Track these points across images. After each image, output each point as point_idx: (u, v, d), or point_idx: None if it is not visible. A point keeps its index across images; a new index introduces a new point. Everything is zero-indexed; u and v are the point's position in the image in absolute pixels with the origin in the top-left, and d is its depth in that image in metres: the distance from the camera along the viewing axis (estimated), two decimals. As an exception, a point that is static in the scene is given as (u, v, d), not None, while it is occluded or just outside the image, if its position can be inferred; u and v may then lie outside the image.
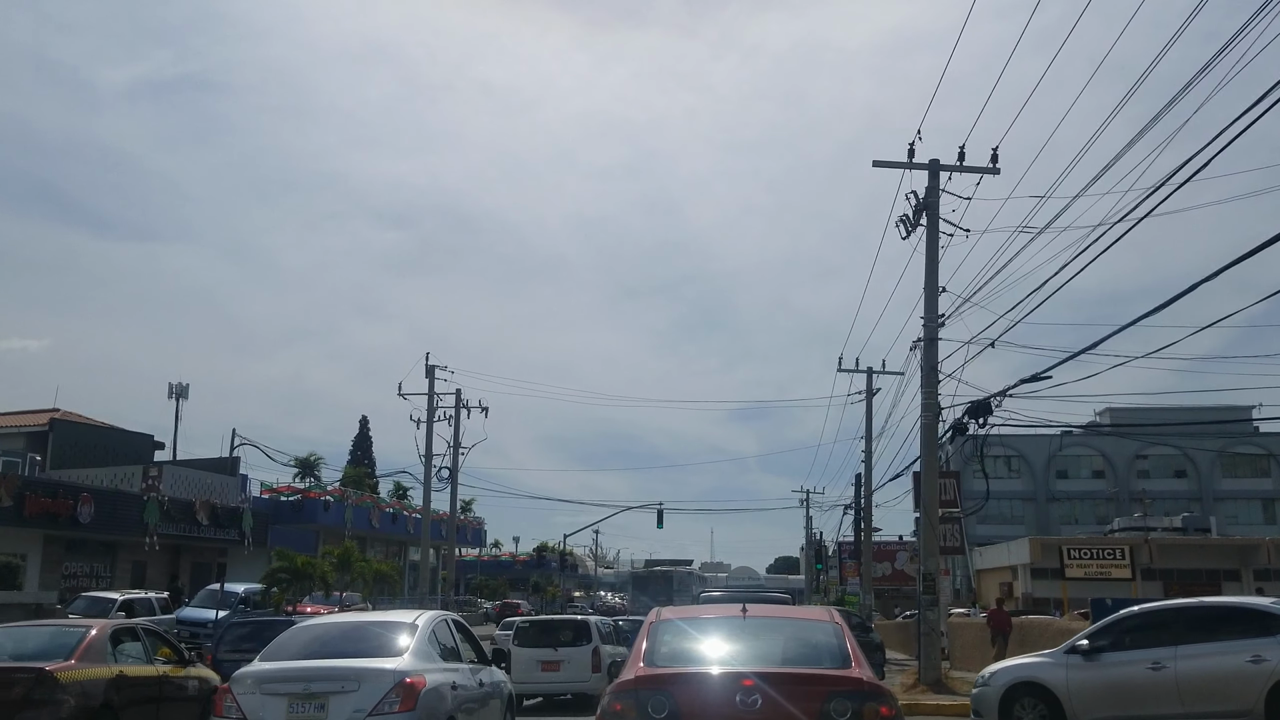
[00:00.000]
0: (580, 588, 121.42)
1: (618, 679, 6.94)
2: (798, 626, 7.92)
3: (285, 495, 45.28)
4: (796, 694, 6.35)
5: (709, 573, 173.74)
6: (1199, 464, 79.56)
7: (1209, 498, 78.36)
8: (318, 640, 9.56)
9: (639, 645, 7.19)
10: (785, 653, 7.22)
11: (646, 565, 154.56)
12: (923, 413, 19.40)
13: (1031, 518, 78.37)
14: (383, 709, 8.30)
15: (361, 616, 11.89)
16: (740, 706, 6.30)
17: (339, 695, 8.35)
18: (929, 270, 19.70)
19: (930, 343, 19.46)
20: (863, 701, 6.32)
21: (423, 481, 38.11)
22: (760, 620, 7.69)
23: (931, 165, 19.98)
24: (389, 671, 8.59)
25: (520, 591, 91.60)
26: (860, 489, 37.79)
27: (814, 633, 7.48)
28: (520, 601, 66.00)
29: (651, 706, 6.40)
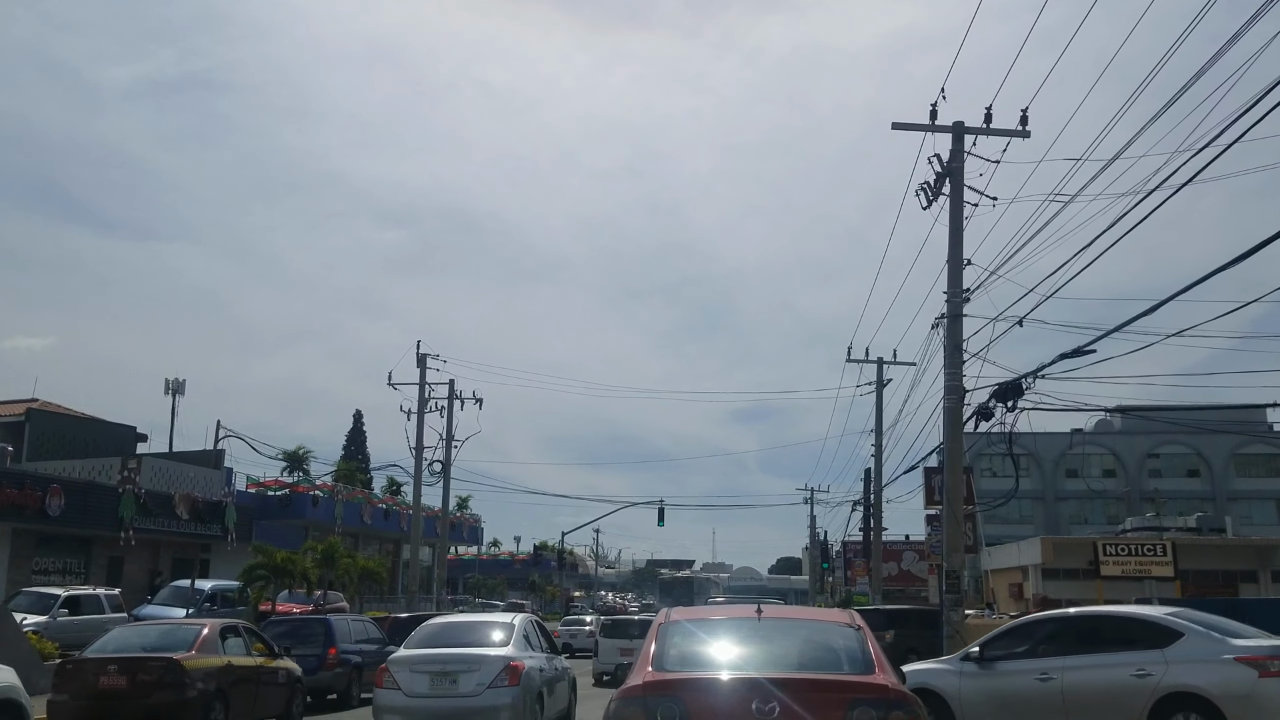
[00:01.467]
0: (581, 587, 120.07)
1: (624, 684, 6.47)
2: (816, 629, 7.38)
3: (272, 490, 43.71)
4: (817, 701, 5.89)
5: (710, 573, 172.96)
6: (1212, 463, 77.93)
7: (1222, 498, 76.74)
8: (445, 633, 13.14)
9: (647, 648, 6.71)
10: (803, 657, 6.76)
11: (649, 565, 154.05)
12: (946, 395, 17.82)
13: (1040, 517, 76.76)
14: (497, 683, 11.59)
15: (474, 616, 16.43)
16: (757, 714, 5.83)
17: (465, 673, 11.67)
18: (952, 241, 18.12)
19: (954, 319, 17.87)
20: (888, 710, 5.87)
21: (413, 475, 36.51)
22: (776, 622, 7.21)
23: (955, 128, 18.41)
24: (500, 657, 11.92)
25: (519, 591, 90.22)
26: (869, 484, 36.19)
27: (834, 636, 6.98)
28: (524, 602, 65.21)
29: (661, 714, 5.97)
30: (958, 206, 18.23)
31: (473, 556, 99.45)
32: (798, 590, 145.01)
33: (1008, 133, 18.19)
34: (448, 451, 38.49)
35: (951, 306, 17.91)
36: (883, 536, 60.40)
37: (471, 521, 63.20)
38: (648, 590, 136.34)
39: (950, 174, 18.27)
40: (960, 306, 17.90)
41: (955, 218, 18.20)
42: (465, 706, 11.67)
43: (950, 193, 18.31)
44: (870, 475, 36.27)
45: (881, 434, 35.60)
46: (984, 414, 18.00)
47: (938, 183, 18.49)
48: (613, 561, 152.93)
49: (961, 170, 18.28)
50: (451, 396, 38.82)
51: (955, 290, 17.93)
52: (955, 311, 17.88)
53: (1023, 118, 18.10)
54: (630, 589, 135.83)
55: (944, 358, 18.01)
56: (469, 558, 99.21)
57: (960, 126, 18.37)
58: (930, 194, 18.57)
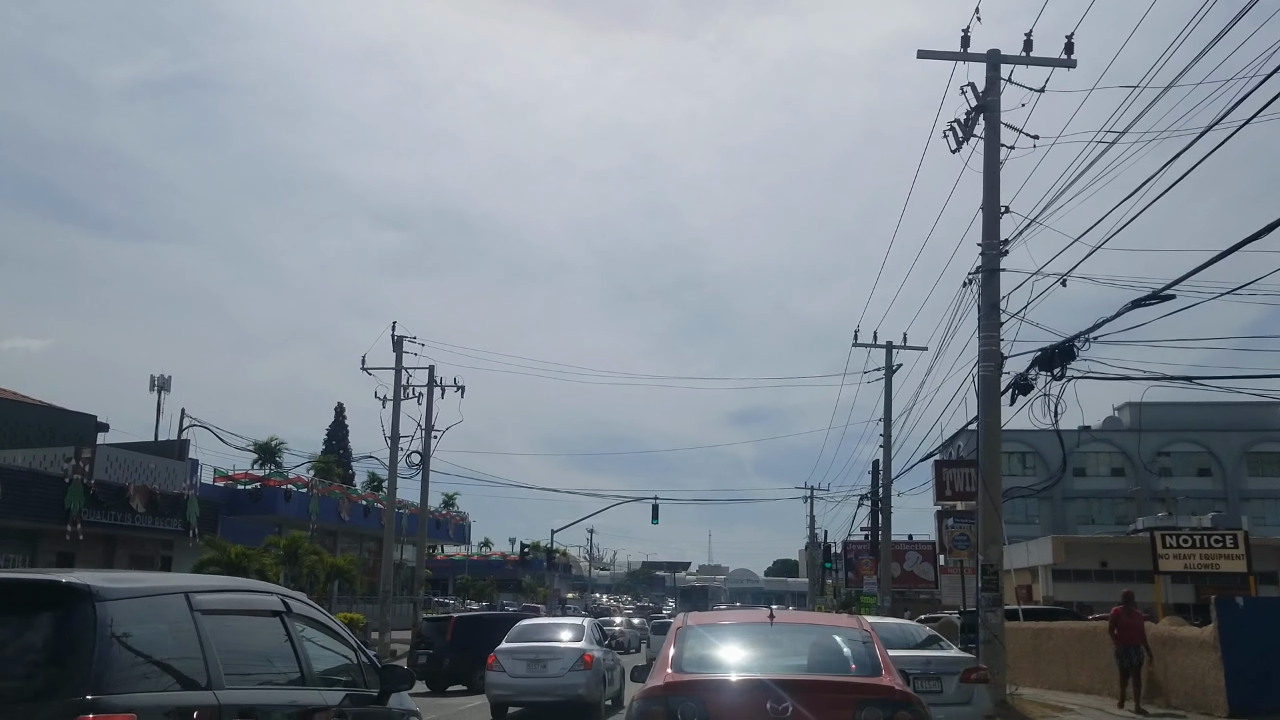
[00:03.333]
0: (574, 589, 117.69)
1: (645, 685, 6.78)
2: (825, 633, 7.65)
3: (242, 484, 41.18)
4: (827, 702, 6.18)
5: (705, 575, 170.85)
6: (1224, 462, 75.63)
7: (1235, 497, 74.37)
8: (534, 631, 17.16)
9: (666, 651, 7.02)
10: (814, 660, 7.06)
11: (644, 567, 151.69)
12: (980, 362, 15.39)
13: (1047, 517, 74.31)
14: (575, 668, 15.49)
15: (552, 619, 21.03)
16: (771, 714, 6.09)
17: (552, 660, 15.64)
18: (987, 185, 15.71)
19: (990, 274, 15.45)
20: (894, 710, 6.10)
21: (388, 466, 34.00)
22: (787, 626, 7.55)
23: (990, 56, 16.03)
24: (577, 649, 15.94)
25: (511, 594, 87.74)
26: (877, 476, 33.75)
27: (842, 640, 7.26)
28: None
29: (681, 713, 6.28)
30: (993, 146, 15.85)
31: (463, 557, 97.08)
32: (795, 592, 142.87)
33: (1050, 62, 15.82)
34: (427, 442, 35.97)
35: (987, 259, 15.50)
36: (884, 537, 58.21)
37: (458, 519, 60.67)
38: (642, 592, 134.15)
39: (985, 109, 15.88)
40: (997, 260, 15.49)
41: (990, 159, 15.81)
42: (553, 684, 15.48)
43: (985, 131, 15.94)
44: (878, 467, 33.84)
45: (891, 423, 33.18)
46: (1022, 386, 15.55)
47: (969, 121, 16.09)
48: (607, 563, 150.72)
49: (998, 104, 15.91)
50: (431, 384, 36.29)
51: (991, 241, 15.53)
52: (991, 265, 15.47)
53: (1067, 45, 15.72)
54: (625, 591, 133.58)
55: (978, 319, 15.59)
56: (459, 558, 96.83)
57: (996, 55, 16.00)
58: (961, 133, 16.18)
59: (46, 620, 4.09)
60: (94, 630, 4.01)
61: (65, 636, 4.03)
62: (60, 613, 4.08)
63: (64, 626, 4.05)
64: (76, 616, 4.05)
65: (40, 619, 4.10)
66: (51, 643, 4.04)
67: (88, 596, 4.11)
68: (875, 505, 33.36)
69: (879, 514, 33.19)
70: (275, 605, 5.55)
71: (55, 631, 4.06)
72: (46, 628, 4.07)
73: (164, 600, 4.66)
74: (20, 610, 4.16)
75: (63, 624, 4.06)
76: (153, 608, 4.56)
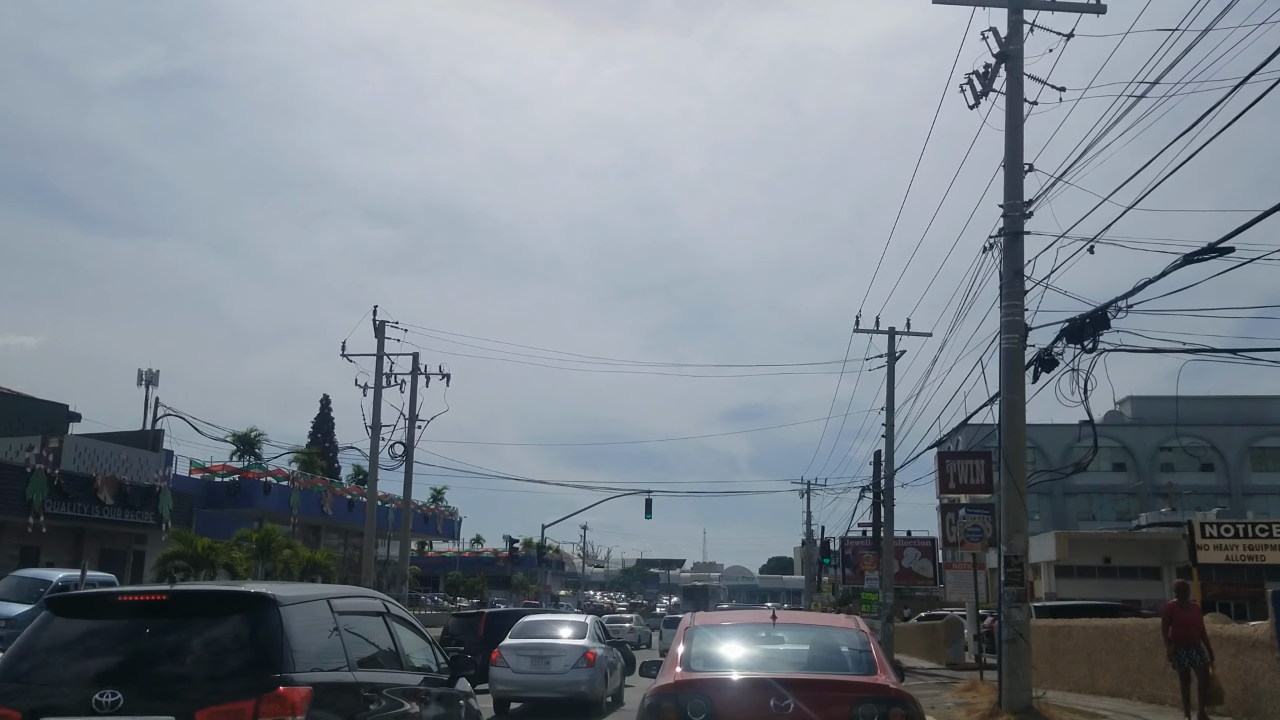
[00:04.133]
0: (568, 586, 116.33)
1: (656, 683, 7.10)
2: (824, 634, 7.95)
3: (220, 476, 39.72)
4: (826, 699, 6.52)
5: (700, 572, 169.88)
6: (1227, 457, 74.41)
7: (1238, 493, 73.16)
8: (537, 628, 17.12)
9: (675, 650, 7.37)
10: (814, 659, 7.36)
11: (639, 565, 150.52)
12: (1003, 334, 14.01)
13: (1047, 513, 72.98)
14: (579, 665, 15.66)
15: (556, 615, 19.91)
16: (774, 710, 6.43)
17: (556, 657, 15.77)
18: (1009, 143, 14.34)
19: (1013, 238, 14.07)
20: (889, 707, 6.46)
21: (369, 456, 32.52)
22: (789, 627, 7.84)
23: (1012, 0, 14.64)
24: (580, 646, 16.10)
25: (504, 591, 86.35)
26: (879, 468, 32.37)
27: (840, 640, 7.58)
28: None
29: (690, 709, 6.61)
30: (1015, 99, 14.48)
31: (454, 553, 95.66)
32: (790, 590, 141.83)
33: (1077, 6, 14.43)
34: (411, 432, 34.51)
35: (1010, 222, 14.12)
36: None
37: (446, 514, 59.23)
38: (636, 589, 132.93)
39: (1006, 58, 14.49)
40: (1020, 222, 14.11)
41: (1013, 113, 14.44)
42: (556, 681, 15.49)
43: (1006, 83, 14.56)
44: (880, 459, 32.45)
45: (893, 411, 31.82)
46: (1045, 362, 14.17)
47: (989, 73, 14.71)
48: (602, 560, 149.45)
49: (1020, 53, 14.53)
50: (415, 371, 34.82)
51: (1014, 202, 14.15)
52: (1015, 228, 14.09)
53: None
54: (619, 588, 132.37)
55: (1000, 287, 14.20)
56: (451, 555, 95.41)
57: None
58: (979, 86, 14.79)
59: (242, 620, 5.43)
60: (280, 627, 5.37)
61: (259, 631, 5.36)
62: (254, 615, 5.44)
63: (258, 624, 5.39)
64: (267, 617, 5.41)
65: (238, 619, 5.46)
66: (249, 636, 5.36)
67: (273, 603, 5.47)
68: (877, 498, 32.00)
69: (881, 507, 31.82)
70: (379, 608, 7.09)
71: (252, 628, 5.39)
72: (244, 625, 5.42)
73: (317, 604, 6.02)
74: (223, 612, 5.55)
75: (257, 622, 5.39)
76: (310, 610, 5.86)
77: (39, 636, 5.61)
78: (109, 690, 5.05)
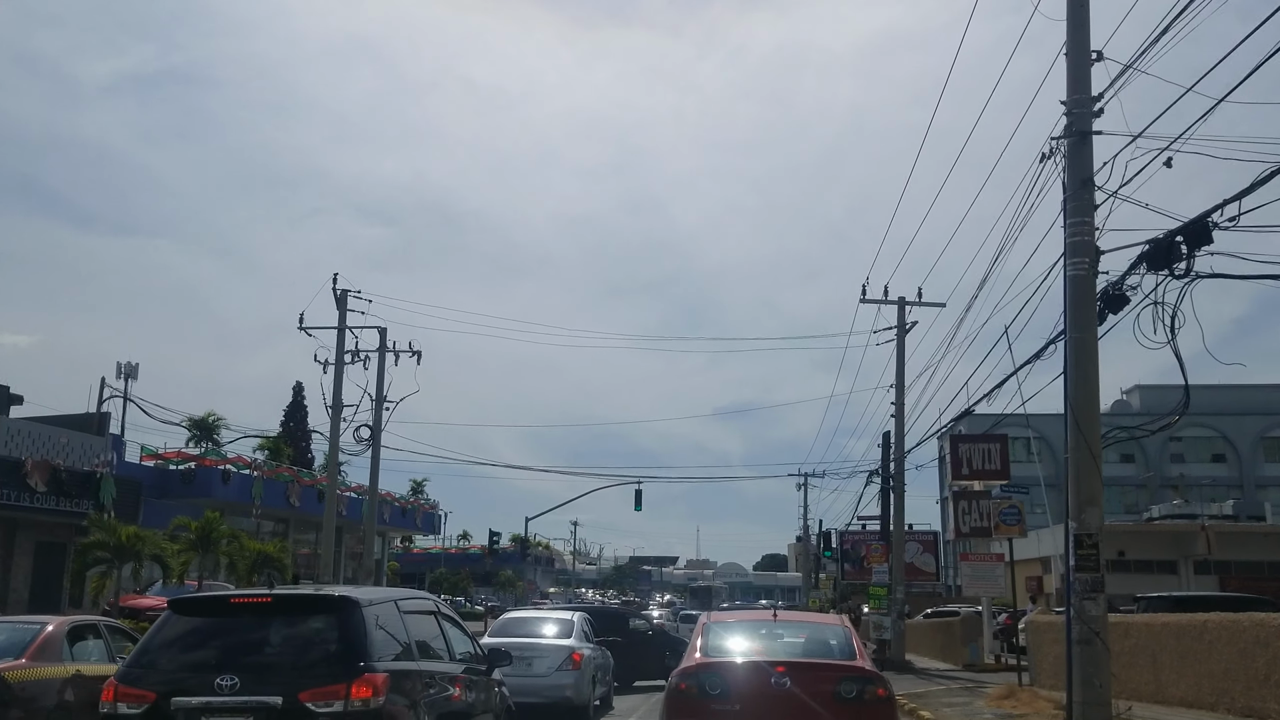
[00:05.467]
0: (558, 583, 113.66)
1: (680, 665, 8.84)
2: (815, 628, 9.93)
3: (175, 463, 36.77)
4: (816, 678, 8.23)
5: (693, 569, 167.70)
6: (1239, 448, 71.83)
7: (1250, 484, 70.58)
8: (519, 625, 16.07)
9: (695, 640, 9.05)
10: (806, 647, 9.11)
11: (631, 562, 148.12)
12: (1068, 258, 11.22)
13: (1055, 506, 70.17)
14: (563, 667, 14.31)
15: (541, 612, 18.66)
16: (774, 686, 8.10)
17: (539, 658, 14.28)
18: (1073, 22, 11.52)
19: (1080, 138, 11.27)
20: (865, 684, 8.19)
21: (328, 437, 29.65)
22: (787, 623, 9.89)
23: None
24: (566, 646, 14.74)
25: (490, 588, 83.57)
26: (888, 450, 29.60)
27: (828, 633, 9.41)
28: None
29: (709, 685, 8.26)
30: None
31: (440, 550, 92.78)
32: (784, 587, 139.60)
33: None
34: (377, 413, 31.66)
35: (1076, 119, 11.31)
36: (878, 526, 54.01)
37: (426, 507, 56.27)
38: (629, 586, 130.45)
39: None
40: (1088, 120, 11.30)
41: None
42: (538, 684, 13.91)
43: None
44: (889, 440, 29.69)
45: (903, 389, 29.08)
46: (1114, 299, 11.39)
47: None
48: (594, 558, 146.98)
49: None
50: (383, 348, 31.98)
51: (1080, 96, 11.34)
52: (1082, 127, 11.28)
53: None
54: (612, 586, 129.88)
55: (1063, 201, 11.41)
56: (436, 551, 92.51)
57: None
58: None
59: (333, 619, 6.67)
60: (364, 624, 6.58)
61: (347, 628, 6.55)
62: (342, 614, 6.66)
63: (346, 622, 6.60)
64: (353, 616, 6.62)
65: (329, 618, 6.70)
66: (339, 631, 6.55)
67: (357, 605, 6.71)
68: (885, 482, 29.23)
69: (890, 493, 29.04)
70: (432, 607, 8.52)
71: (341, 625, 6.59)
72: (334, 623, 6.63)
73: (388, 605, 7.26)
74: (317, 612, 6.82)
75: (345, 621, 6.61)
76: (384, 610, 7.08)
77: (162, 632, 6.67)
78: (227, 675, 6.07)
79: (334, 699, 6.01)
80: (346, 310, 29.95)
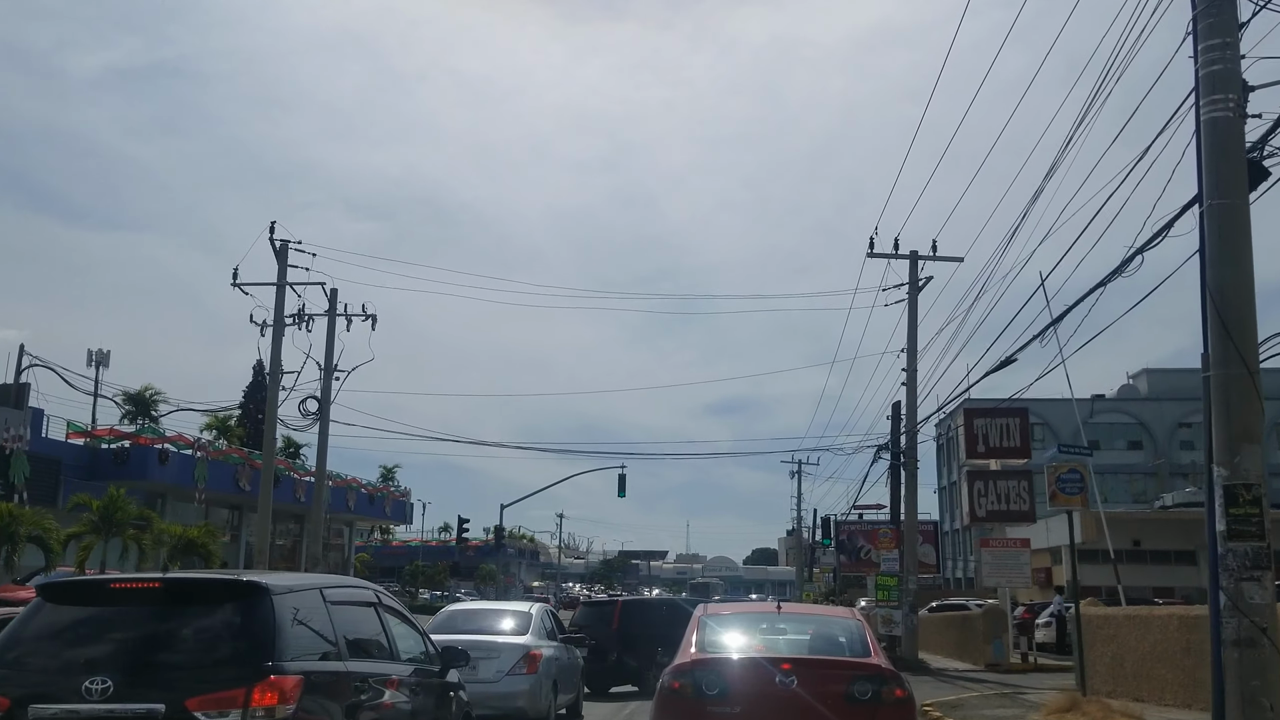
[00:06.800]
0: (544, 577, 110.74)
1: (673, 662, 7.75)
2: (824, 622, 8.94)
3: (107, 441, 33.27)
4: (826, 677, 7.32)
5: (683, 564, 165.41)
6: (1252, 434, 68.70)
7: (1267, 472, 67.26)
8: (465, 620, 13.49)
9: (690, 635, 7.93)
10: (815, 643, 8.21)
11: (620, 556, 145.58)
12: (1204, 96, 7.88)
13: (1057, 494, 67.26)
14: (515, 671, 11.80)
15: (493, 604, 17.63)
16: (779, 686, 7.15)
17: (485, 660, 11.30)
18: None
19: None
20: (881, 684, 7.21)
21: (266, 409, 26.21)
22: (792, 616, 8.98)
23: None
24: (520, 645, 12.21)
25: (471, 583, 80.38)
26: (898, 423, 26.26)
27: (838, 627, 8.37)
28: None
29: (705, 684, 7.30)
30: None
31: (420, 542, 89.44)
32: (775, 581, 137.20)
33: None
34: (326, 384, 28.23)
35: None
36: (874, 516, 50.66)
37: (397, 495, 52.80)
38: (616, 580, 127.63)
39: None
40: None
41: None
42: (484, 692, 11.03)
43: None
44: (899, 411, 26.34)
45: (916, 353, 25.76)
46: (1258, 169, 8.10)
47: None
48: (583, 552, 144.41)
49: None
50: (333, 311, 28.60)
51: None
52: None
53: None
54: (600, 580, 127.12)
55: (1191, 20, 8.07)
56: (416, 544, 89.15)
57: None
58: None
59: (235, 608, 5.47)
60: (274, 616, 5.42)
61: (252, 620, 5.39)
62: (247, 603, 5.47)
63: (250, 613, 5.43)
64: (260, 606, 5.44)
65: (231, 607, 5.48)
66: (241, 624, 5.39)
67: (266, 592, 5.52)
68: (895, 458, 25.91)
69: (901, 469, 25.73)
70: (371, 598, 7.06)
71: (244, 616, 5.42)
72: (237, 613, 5.45)
73: (309, 593, 6.02)
74: (216, 600, 5.57)
75: (249, 611, 5.44)
76: (303, 599, 5.87)
77: (29, 624, 5.64)
78: (99, 678, 5.07)
79: (230, 707, 5.04)
80: (287, 265, 26.48)
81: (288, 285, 26.38)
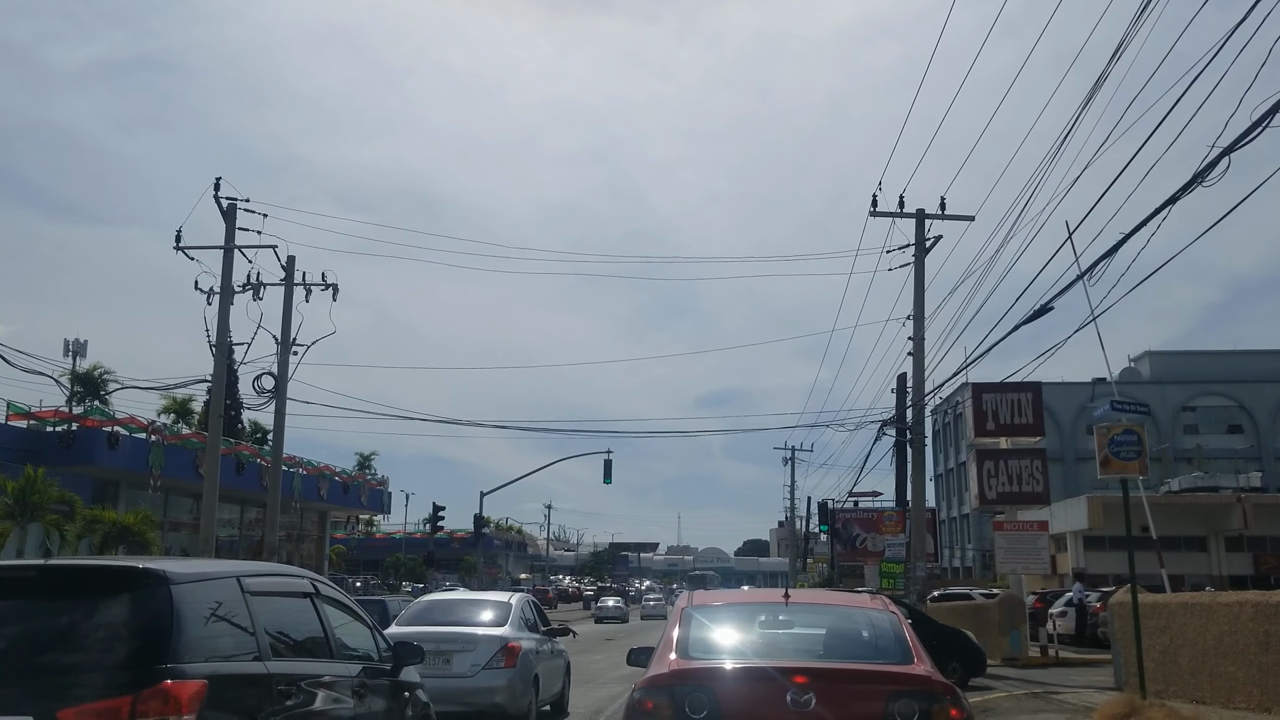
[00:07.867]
0: (532, 569, 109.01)
1: (647, 673, 5.85)
2: (846, 615, 6.64)
3: (51, 424, 30.95)
4: (855, 693, 5.40)
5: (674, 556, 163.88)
6: (1257, 417, 66.98)
7: (1269, 456, 65.73)
8: (439, 611, 12.64)
9: (669, 634, 6.15)
10: (836, 645, 6.25)
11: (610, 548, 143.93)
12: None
13: (1058, 480, 65.22)
14: (492, 664, 11.15)
15: (470, 594, 15.31)
16: (792, 706, 5.29)
17: (460, 653, 11.14)
18: None
19: None
20: (931, 703, 5.28)
21: (210, 385, 23.94)
22: (805, 606, 6.82)
23: None
24: (498, 637, 11.48)
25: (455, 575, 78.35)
26: (904, 396, 24.11)
27: (866, 622, 6.37)
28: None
29: (689, 705, 5.40)
30: None
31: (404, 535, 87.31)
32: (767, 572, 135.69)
33: None
34: (284, 359, 26.06)
35: None
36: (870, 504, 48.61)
37: (374, 484, 50.52)
38: (607, 573, 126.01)
39: None
40: None
41: None
42: (458, 688, 10.81)
43: None
44: (904, 384, 24.20)
45: (923, 320, 23.62)
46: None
47: None
48: (573, 545, 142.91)
49: None
50: (290, 279, 26.39)
51: None
52: None
53: None
54: (590, 572, 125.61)
55: None
56: (400, 536, 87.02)
57: None
58: None
59: (126, 600, 4.48)
60: (170, 609, 4.49)
61: (145, 614, 4.45)
62: (140, 595, 4.51)
63: (143, 606, 4.47)
64: (154, 597, 4.50)
65: (121, 600, 4.48)
66: (131, 620, 4.42)
67: (163, 580, 4.58)
68: (901, 434, 23.79)
69: (907, 446, 23.62)
70: (306, 588, 6.12)
71: (136, 610, 4.46)
72: (126, 607, 4.45)
73: (221, 583, 5.10)
74: (102, 591, 4.53)
75: (142, 604, 4.48)
76: (212, 590, 4.98)
77: None
78: None
79: (112, 718, 4.03)
80: (236, 228, 24.20)
81: (236, 249, 24.11)
